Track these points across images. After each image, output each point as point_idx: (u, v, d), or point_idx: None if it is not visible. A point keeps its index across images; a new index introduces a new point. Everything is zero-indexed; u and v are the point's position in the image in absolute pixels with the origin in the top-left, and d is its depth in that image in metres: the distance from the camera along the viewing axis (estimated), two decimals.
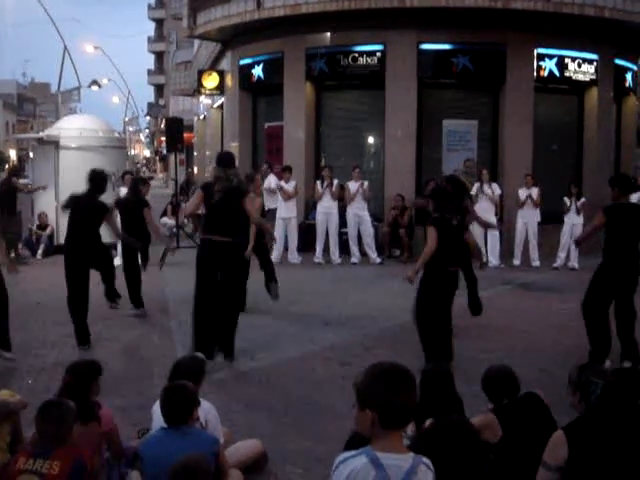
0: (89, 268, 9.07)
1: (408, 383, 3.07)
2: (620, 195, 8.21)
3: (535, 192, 15.54)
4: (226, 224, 8.05)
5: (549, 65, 17.68)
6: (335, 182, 15.96)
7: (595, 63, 18.23)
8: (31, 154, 22.03)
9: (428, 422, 4.54)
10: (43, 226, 16.97)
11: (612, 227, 8.10)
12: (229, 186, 8.05)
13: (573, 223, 15.23)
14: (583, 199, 15.32)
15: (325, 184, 15.90)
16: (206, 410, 4.94)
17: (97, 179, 9.31)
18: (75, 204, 9.13)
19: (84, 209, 9.04)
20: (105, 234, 9.48)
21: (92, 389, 4.91)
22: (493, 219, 15.13)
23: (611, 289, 8.07)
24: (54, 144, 17.25)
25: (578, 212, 15.19)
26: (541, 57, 17.56)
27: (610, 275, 8.05)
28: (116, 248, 13.07)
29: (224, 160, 8.36)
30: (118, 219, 11.07)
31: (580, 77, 18.14)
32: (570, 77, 18.03)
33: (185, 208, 10.05)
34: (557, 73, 17.80)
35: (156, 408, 4.94)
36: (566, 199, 15.38)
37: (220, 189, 8.03)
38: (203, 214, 8.85)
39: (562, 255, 15.45)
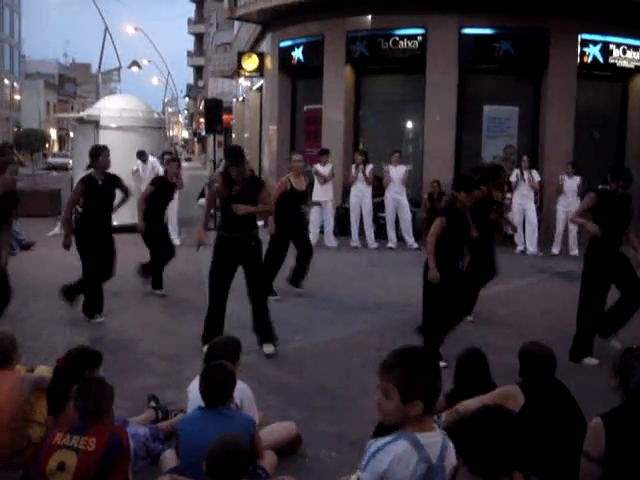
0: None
1: (438, 367, 3.20)
2: None
3: (578, 181, 15.29)
4: None
5: (593, 51, 17.40)
6: (369, 167, 15.82)
7: None
8: (71, 134, 22.24)
9: (463, 407, 4.52)
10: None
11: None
12: None
13: None
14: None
15: (359, 169, 15.79)
16: (241, 391, 4.94)
17: None
18: None
19: None
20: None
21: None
22: (532, 206, 15.10)
23: None
24: (94, 124, 17.34)
25: None
26: (585, 43, 17.29)
27: None
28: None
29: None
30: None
31: (624, 64, 17.84)
32: (614, 64, 17.74)
33: None
34: (601, 59, 17.51)
35: (192, 388, 4.96)
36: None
37: None
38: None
39: None
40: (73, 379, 4.71)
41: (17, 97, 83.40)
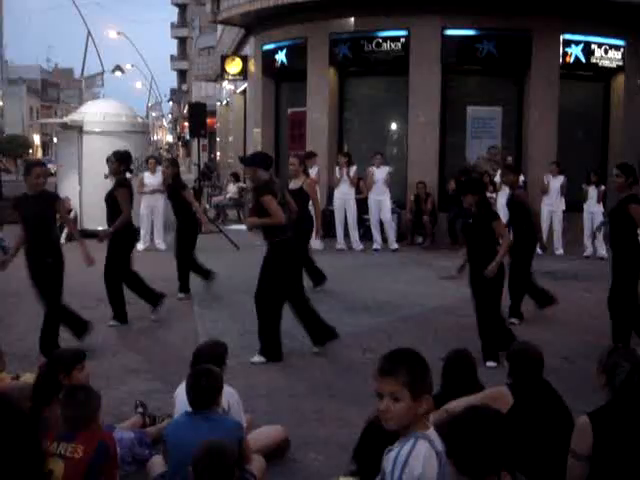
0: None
1: None
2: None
3: (562, 180, 15.36)
4: None
5: (575, 51, 17.50)
6: (353, 168, 15.84)
7: (622, 49, 18.02)
8: (55, 139, 22.13)
9: (451, 408, 4.52)
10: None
11: None
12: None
13: (592, 211, 15.07)
14: (603, 187, 15.13)
15: (343, 170, 15.80)
16: (228, 395, 4.92)
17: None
18: None
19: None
20: None
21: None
22: None
23: None
24: (78, 129, 17.30)
25: (598, 200, 15.01)
26: (567, 43, 17.38)
27: None
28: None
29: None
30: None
31: (606, 63, 17.95)
32: (596, 64, 17.85)
33: None
34: (583, 59, 17.61)
35: (179, 392, 4.94)
36: (585, 186, 15.25)
37: None
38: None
39: (589, 243, 15.27)
40: (56, 382, 4.69)
41: None
